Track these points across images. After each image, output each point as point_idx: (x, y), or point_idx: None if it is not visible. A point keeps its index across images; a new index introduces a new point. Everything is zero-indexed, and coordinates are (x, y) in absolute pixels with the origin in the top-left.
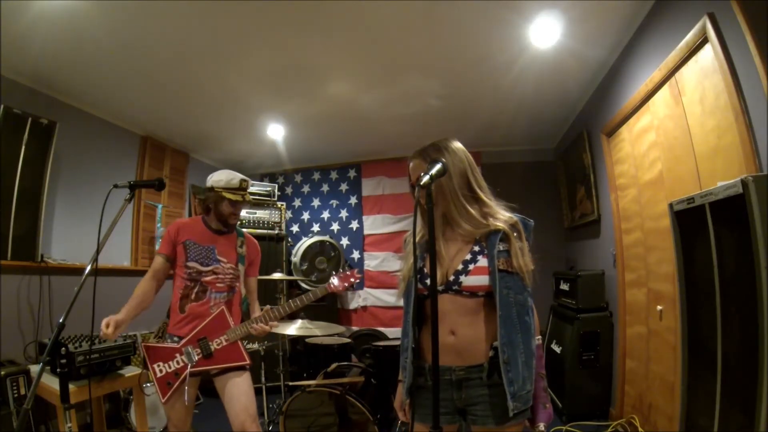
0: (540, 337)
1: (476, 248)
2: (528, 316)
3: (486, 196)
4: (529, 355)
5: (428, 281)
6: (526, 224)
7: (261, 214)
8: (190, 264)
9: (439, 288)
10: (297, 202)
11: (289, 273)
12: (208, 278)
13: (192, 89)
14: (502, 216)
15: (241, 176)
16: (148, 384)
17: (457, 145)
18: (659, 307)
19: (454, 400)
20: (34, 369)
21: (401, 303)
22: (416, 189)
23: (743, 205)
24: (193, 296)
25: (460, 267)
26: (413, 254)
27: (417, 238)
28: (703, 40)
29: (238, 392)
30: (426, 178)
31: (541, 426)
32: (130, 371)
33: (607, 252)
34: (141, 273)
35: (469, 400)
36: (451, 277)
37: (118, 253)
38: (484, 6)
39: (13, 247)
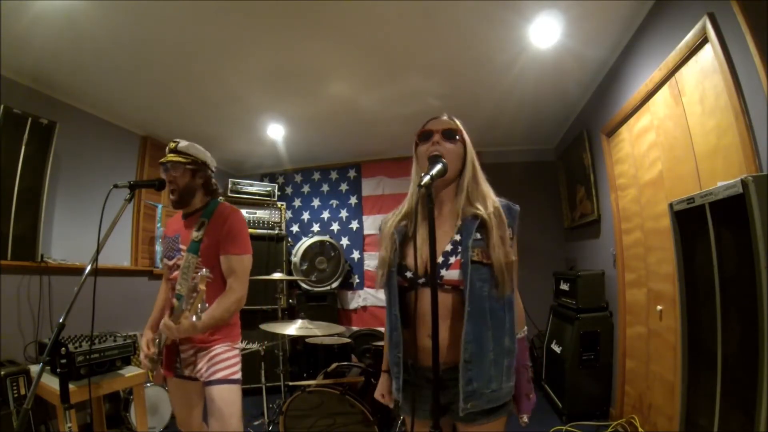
0: (525, 329)
1: (457, 238)
2: (503, 310)
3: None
4: (500, 353)
5: (408, 274)
6: (511, 210)
7: (261, 214)
8: (163, 261)
9: (420, 281)
10: (297, 202)
11: (289, 273)
12: (175, 273)
13: (192, 89)
14: (489, 200)
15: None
16: (148, 384)
17: None
18: (659, 307)
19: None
20: (34, 369)
21: None
22: (420, 146)
23: (743, 205)
24: (172, 297)
25: (441, 260)
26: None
27: (397, 223)
28: (703, 40)
29: (213, 409)
30: (426, 179)
31: (525, 417)
32: (130, 371)
33: (607, 252)
34: (141, 273)
35: (447, 399)
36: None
37: (118, 253)
38: (484, 6)
39: (13, 247)
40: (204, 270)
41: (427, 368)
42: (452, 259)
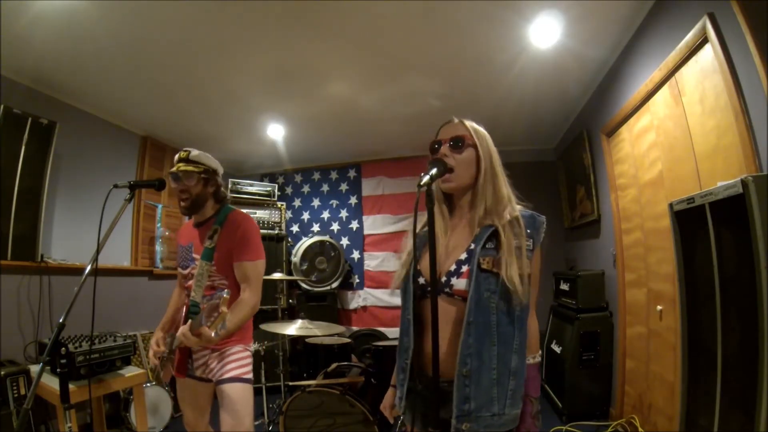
0: (537, 355)
1: (472, 246)
2: (513, 326)
3: (509, 187)
4: (505, 372)
5: (420, 280)
6: (535, 221)
7: (261, 214)
8: (178, 270)
9: (430, 288)
10: (297, 202)
11: (289, 273)
12: (189, 282)
13: (192, 89)
14: (508, 208)
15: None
16: (148, 384)
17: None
18: (659, 307)
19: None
20: (34, 369)
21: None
22: (434, 152)
23: (743, 205)
24: (186, 304)
25: (453, 268)
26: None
27: (418, 229)
28: (703, 40)
29: (226, 407)
30: (426, 179)
31: None
32: (130, 371)
33: (607, 252)
34: (141, 273)
35: (447, 414)
36: (443, 278)
37: (118, 253)
38: (484, 6)
39: (13, 247)
40: (225, 291)
41: (430, 379)
42: (464, 268)
